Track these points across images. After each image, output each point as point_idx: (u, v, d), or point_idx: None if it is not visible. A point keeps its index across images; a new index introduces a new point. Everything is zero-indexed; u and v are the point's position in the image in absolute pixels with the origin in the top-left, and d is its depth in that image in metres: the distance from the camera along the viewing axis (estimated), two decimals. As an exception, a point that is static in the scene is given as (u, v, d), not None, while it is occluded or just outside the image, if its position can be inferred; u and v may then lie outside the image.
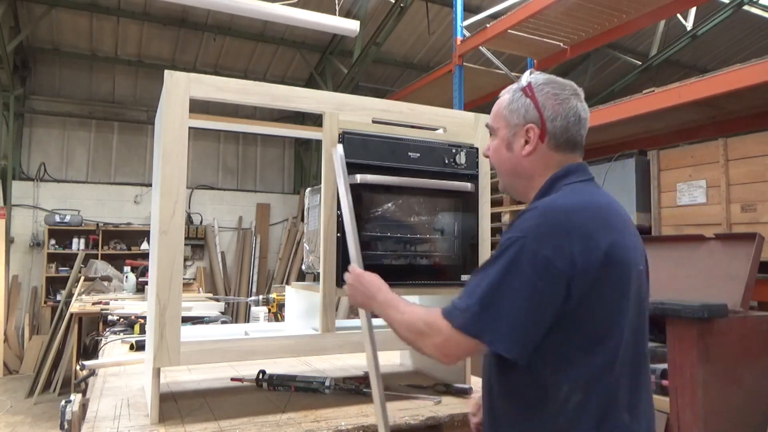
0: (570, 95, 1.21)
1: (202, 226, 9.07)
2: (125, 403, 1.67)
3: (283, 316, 3.35)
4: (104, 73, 8.62)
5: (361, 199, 1.73)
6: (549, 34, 5.89)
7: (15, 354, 7.49)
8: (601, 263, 1.05)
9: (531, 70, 1.28)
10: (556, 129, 1.19)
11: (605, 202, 1.16)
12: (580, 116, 1.20)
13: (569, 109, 1.19)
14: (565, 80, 1.24)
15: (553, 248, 1.04)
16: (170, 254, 1.49)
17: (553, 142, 1.20)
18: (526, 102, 1.21)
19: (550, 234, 1.05)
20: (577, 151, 1.23)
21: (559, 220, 1.07)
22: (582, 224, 1.07)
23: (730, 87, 3.42)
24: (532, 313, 1.03)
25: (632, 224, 1.20)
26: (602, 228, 1.08)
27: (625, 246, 1.10)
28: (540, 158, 1.21)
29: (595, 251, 1.05)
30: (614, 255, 1.06)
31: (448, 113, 1.95)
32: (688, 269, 2.96)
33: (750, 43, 9.16)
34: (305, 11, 5.64)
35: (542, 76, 1.24)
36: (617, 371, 1.07)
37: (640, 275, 1.14)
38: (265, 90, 1.67)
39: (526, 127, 1.21)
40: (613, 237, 1.08)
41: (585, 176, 1.21)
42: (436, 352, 1.11)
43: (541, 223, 1.07)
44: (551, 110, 1.19)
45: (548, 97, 1.20)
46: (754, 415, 2.37)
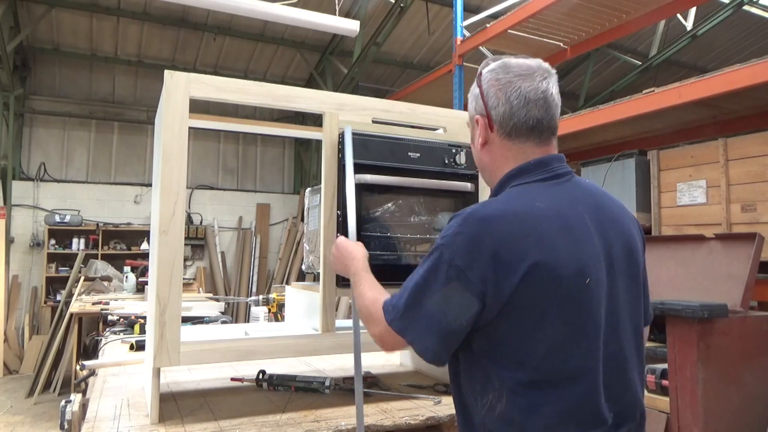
0: (514, 77, 1.12)
1: (202, 226, 9.07)
2: (125, 403, 1.67)
3: (283, 316, 3.35)
4: (104, 73, 8.63)
5: (361, 199, 1.73)
6: (549, 34, 5.89)
7: (15, 354, 7.49)
8: (519, 279, 0.98)
9: (494, 57, 1.21)
10: (500, 116, 1.13)
11: (545, 207, 1.05)
12: (526, 97, 1.11)
13: (512, 92, 1.11)
14: (522, 60, 1.16)
15: (467, 261, 1.00)
16: (170, 254, 1.49)
17: (501, 130, 1.14)
18: (476, 92, 1.18)
19: (467, 245, 1.01)
20: (534, 136, 1.13)
21: (477, 231, 1.01)
22: (502, 237, 1.00)
23: (730, 87, 3.42)
24: (447, 321, 1.02)
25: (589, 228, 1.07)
26: (527, 239, 1.00)
27: (565, 258, 1.01)
28: (495, 149, 1.16)
29: (513, 267, 0.99)
30: (538, 270, 0.99)
31: (448, 113, 1.95)
32: (688, 269, 2.97)
33: (750, 43, 9.16)
34: (305, 11, 5.64)
35: (496, 63, 1.17)
36: (551, 388, 1.01)
37: (598, 284, 1.04)
38: (265, 90, 1.67)
39: (476, 118, 1.18)
40: (541, 249, 1.00)
41: (542, 174, 1.12)
42: (376, 341, 1.15)
43: (459, 232, 1.03)
44: (493, 97, 1.13)
45: (491, 84, 1.14)
46: (753, 415, 2.37)
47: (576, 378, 1.02)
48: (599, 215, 1.11)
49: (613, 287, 1.08)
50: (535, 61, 1.16)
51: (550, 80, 1.14)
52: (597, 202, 1.13)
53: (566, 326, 1.02)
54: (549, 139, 1.15)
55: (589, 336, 1.03)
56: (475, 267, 1.00)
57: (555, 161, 1.14)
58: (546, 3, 4.96)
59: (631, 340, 1.11)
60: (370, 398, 1.74)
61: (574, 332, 1.02)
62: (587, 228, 1.07)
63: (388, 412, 1.60)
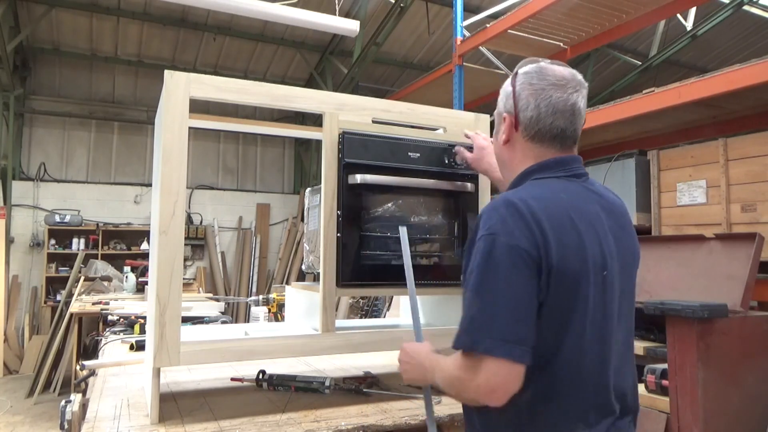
0: (548, 85, 1.16)
1: (202, 226, 9.07)
2: (125, 403, 1.67)
3: (283, 316, 3.35)
4: (104, 73, 8.63)
5: (361, 199, 1.73)
6: (549, 34, 5.89)
7: (15, 354, 7.49)
8: (559, 256, 1.02)
9: (534, 59, 1.24)
10: (527, 119, 1.17)
11: (568, 199, 1.10)
12: (555, 107, 1.15)
13: (542, 100, 1.15)
14: (559, 69, 1.19)
15: (525, 237, 1.02)
16: (170, 254, 1.49)
17: (525, 132, 1.18)
18: (508, 91, 1.22)
19: (518, 224, 1.03)
20: (556, 144, 1.18)
21: (520, 209, 1.05)
22: (540, 213, 1.04)
23: (730, 87, 3.42)
24: (523, 305, 1.01)
25: (606, 225, 1.13)
26: (560, 219, 1.05)
27: (580, 247, 1.05)
28: (516, 148, 1.21)
29: (554, 241, 1.03)
30: (570, 252, 1.03)
31: (448, 113, 1.95)
32: (688, 269, 2.97)
33: (750, 43, 9.16)
34: (305, 11, 5.64)
35: (534, 66, 1.21)
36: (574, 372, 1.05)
37: (604, 280, 1.08)
38: (265, 90, 1.67)
39: (503, 115, 1.23)
40: (571, 232, 1.05)
41: (560, 172, 1.16)
42: (481, 395, 1.02)
43: (505, 216, 1.05)
44: (524, 100, 1.18)
45: (524, 86, 1.18)
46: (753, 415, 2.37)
47: (596, 364, 1.07)
48: (612, 218, 1.16)
49: (622, 286, 1.14)
50: (569, 71, 1.20)
51: (580, 93, 1.18)
52: (610, 206, 1.18)
53: (586, 316, 1.06)
54: (570, 146, 1.21)
55: (606, 327, 1.09)
56: (533, 242, 1.02)
57: (574, 162, 1.20)
58: (546, 3, 4.96)
59: (628, 337, 1.18)
60: (370, 398, 1.74)
61: (593, 321, 1.07)
62: (604, 226, 1.12)
63: (388, 412, 1.60)
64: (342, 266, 1.68)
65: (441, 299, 2.00)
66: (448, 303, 1.97)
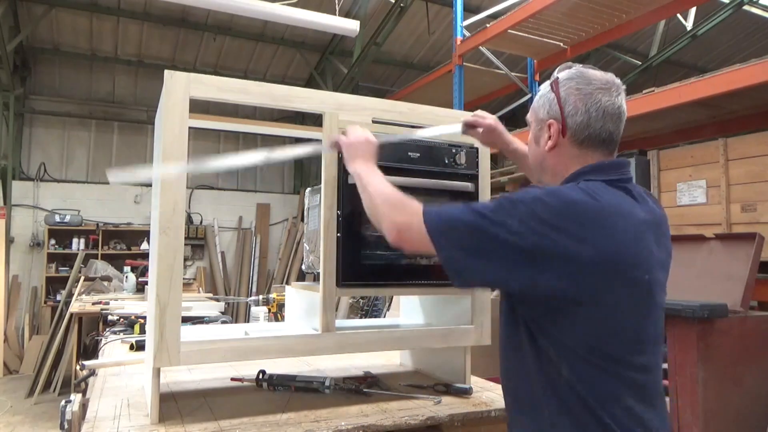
0: (595, 89, 1.17)
1: (202, 226, 9.07)
2: (125, 403, 1.66)
3: (283, 316, 3.35)
4: (104, 73, 8.62)
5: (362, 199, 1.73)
6: (549, 34, 5.89)
7: (15, 354, 7.49)
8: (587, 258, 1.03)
9: (568, 63, 1.24)
10: (576, 124, 1.17)
11: (605, 203, 1.10)
12: (605, 111, 1.16)
13: (591, 104, 1.16)
14: (599, 73, 1.20)
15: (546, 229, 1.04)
16: (170, 254, 1.49)
17: (574, 137, 1.18)
18: (551, 97, 1.21)
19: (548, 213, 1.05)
20: (603, 148, 1.19)
21: (545, 199, 1.06)
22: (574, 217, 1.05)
23: (730, 87, 3.42)
24: (485, 256, 1.06)
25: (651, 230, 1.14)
26: (592, 227, 1.05)
27: (622, 250, 1.07)
28: (563, 154, 1.20)
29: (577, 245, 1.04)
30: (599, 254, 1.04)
31: (448, 113, 1.95)
32: (688, 269, 2.97)
33: (750, 43, 9.16)
34: (305, 11, 5.64)
35: (573, 70, 1.21)
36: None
37: (648, 283, 1.11)
38: (265, 90, 1.67)
39: (548, 122, 1.21)
40: (602, 236, 1.06)
41: (613, 175, 1.16)
42: (392, 229, 1.19)
43: (539, 196, 1.07)
44: (572, 105, 1.17)
45: (570, 91, 1.18)
46: (753, 415, 2.37)
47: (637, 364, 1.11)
48: (658, 226, 1.19)
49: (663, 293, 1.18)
50: (609, 75, 1.21)
51: (623, 96, 1.20)
52: (655, 213, 1.20)
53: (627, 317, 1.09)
54: (614, 151, 1.22)
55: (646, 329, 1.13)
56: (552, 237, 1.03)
57: (626, 166, 1.21)
58: (546, 3, 4.96)
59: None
60: (370, 398, 1.74)
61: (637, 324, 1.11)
62: (652, 236, 1.14)
63: (388, 412, 1.60)
64: (342, 266, 1.68)
65: (441, 299, 2.00)
66: (448, 303, 1.97)
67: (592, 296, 1.05)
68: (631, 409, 1.07)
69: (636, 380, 1.09)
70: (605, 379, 1.07)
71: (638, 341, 1.11)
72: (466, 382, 1.88)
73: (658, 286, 1.14)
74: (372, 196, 1.29)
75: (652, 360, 1.12)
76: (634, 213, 1.12)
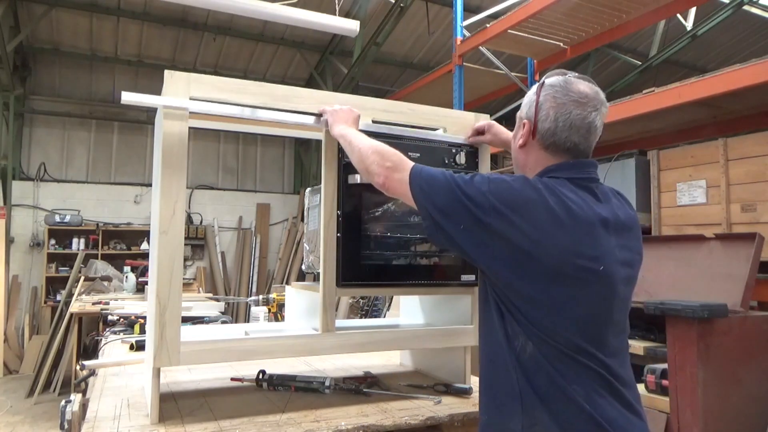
0: (570, 101, 1.23)
1: (202, 226, 9.07)
2: (125, 403, 1.67)
3: (283, 316, 3.35)
4: (104, 73, 8.63)
5: (361, 199, 1.73)
6: (549, 34, 5.89)
7: (15, 354, 7.49)
8: (528, 246, 1.12)
9: (562, 70, 1.31)
10: (544, 130, 1.24)
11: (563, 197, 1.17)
12: (572, 123, 1.22)
13: (561, 114, 1.22)
14: (583, 86, 1.25)
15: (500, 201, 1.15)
16: (170, 254, 1.49)
17: (541, 141, 1.26)
18: (532, 98, 1.29)
19: (504, 190, 1.16)
20: (568, 156, 1.25)
21: (514, 188, 1.17)
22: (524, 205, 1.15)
23: (730, 87, 3.42)
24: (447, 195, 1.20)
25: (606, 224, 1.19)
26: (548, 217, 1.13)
27: (563, 243, 1.14)
28: (531, 154, 1.29)
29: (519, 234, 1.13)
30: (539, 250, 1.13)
31: (448, 113, 1.95)
32: (688, 269, 2.97)
33: (750, 43, 9.16)
34: (305, 11, 5.64)
35: (560, 78, 1.27)
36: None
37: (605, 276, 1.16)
38: (265, 90, 1.67)
39: (523, 121, 1.30)
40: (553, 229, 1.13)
41: (575, 174, 1.23)
42: (380, 175, 1.34)
43: (509, 180, 1.18)
44: (545, 111, 1.24)
45: (548, 98, 1.25)
46: (753, 415, 2.37)
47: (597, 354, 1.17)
48: (621, 225, 1.23)
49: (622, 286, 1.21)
50: (593, 89, 1.27)
51: (600, 111, 1.26)
52: (619, 213, 1.25)
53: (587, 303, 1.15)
54: (580, 159, 1.28)
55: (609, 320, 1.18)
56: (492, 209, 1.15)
57: (592, 166, 1.28)
58: (546, 3, 4.96)
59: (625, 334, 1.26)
60: (370, 398, 1.74)
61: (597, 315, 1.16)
62: (609, 232, 1.19)
63: (388, 412, 1.60)
64: (342, 266, 1.68)
65: (441, 299, 2.00)
66: (448, 303, 1.97)
67: (536, 283, 1.13)
68: (589, 395, 1.11)
69: (595, 366, 1.13)
70: (566, 363, 1.12)
71: (597, 328, 1.16)
72: (466, 382, 1.88)
73: (619, 279, 1.18)
74: (362, 149, 1.41)
75: (614, 346, 1.17)
76: (590, 210, 1.18)
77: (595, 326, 1.15)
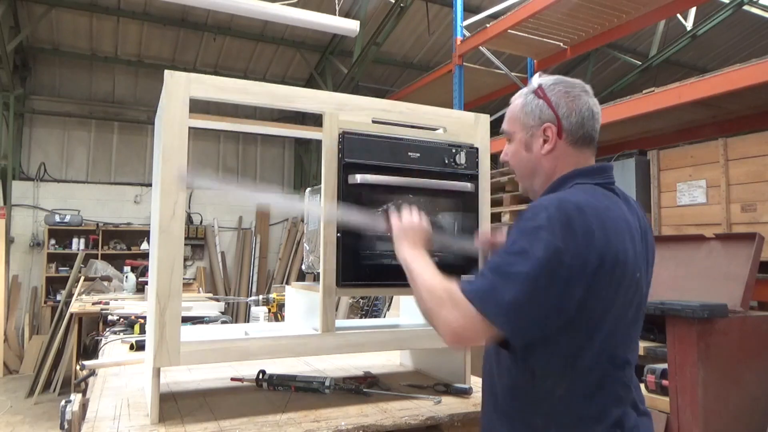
0: (581, 92, 1.24)
1: (202, 226, 9.07)
2: (125, 403, 1.67)
3: (283, 316, 3.35)
4: (104, 73, 8.62)
5: (361, 199, 1.73)
6: (549, 34, 5.89)
7: (15, 354, 7.49)
8: (597, 264, 1.06)
9: (539, 73, 1.30)
10: (572, 125, 1.22)
11: (604, 206, 1.14)
12: (593, 111, 1.24)
13: (582, 105, 1.22)
14: (572, 79, 1.27)
15: (565, 241, 1.04)
16: (170, 254, 1.49)
17: (570, 138, 1.22)
18: (539, 103, 1.24)
19: (564, 227, 1.05)
20: (593, 146, 1.26)
21: (571, 215, 1.07)
22: (587, 222, 1.07)
23: (730, 87, 3.42)
24: (538, 297, 1.03)
25: (637, 230, 1.19)
26: (601, 229, 1.08)
27: (624, 250, 1.11)
28: (559, 155, 1.23)
29: (593, 251, 1.06)
30: (615, 260, 1.08)
31: (448, 113, 1.95)
32: (688, 269, 2.96)
33: (750, 43, 9.16)
34: (305, 11, 5.64)
35: (551, 77, 1.26)
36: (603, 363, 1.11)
37: (639, 281, 1.16)
38: (266, 90, 1.67)
39: (543, 127, 1.23)
40: (616, 241, 1.10)
41: (600, 179, 1.21)
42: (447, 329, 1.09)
43: (554, 215, 1.07)
44: (565, 107, 1.22)
45: (560, 95, 1.23)
46: (753, 415, 2.37)
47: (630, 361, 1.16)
48: (642, 228, 1.23)
49: (646, 288, 1.22)
50: (577, 80, 1.28)
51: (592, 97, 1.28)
52: (635, 211, 1.25)
53: (625, 316, 1.14)
54: (595, 150, 1.29)
55: (634, 327, 1.18)
56: (572, 248, 1.04)
57: (610, 170, 1.26)
58: (546, 3, 4.96)
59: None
60: (370, 398, 1.74)
61: (631, 321, 1.16)
62: (632, 231, 1.17)
63: (388, 412, 1.60)
64: (342, 266, 1.68)
65: (441, 299, 2.00)
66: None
67: (603, 298, 1.09)
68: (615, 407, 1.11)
69: (623, 378, 1.14)
70: (605, 385, 1.10)
71: (631, 338, 1.18)
72: (466, 382, 1.88)
73: (644, 281, 1.20)
74: (419, 290, 1.20)
75: (634, 356, 1.19)
76: (625, 214, 1.17)
77: (627, 335, 1.16)
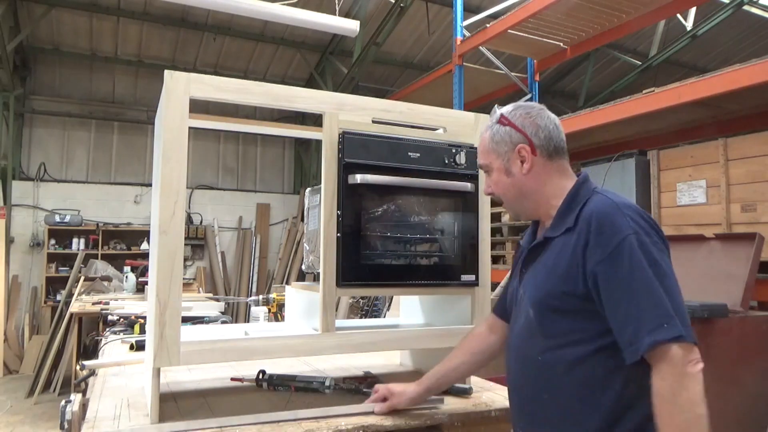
0: (539, 110, 1.34)
1: (202, 226, 9.07)
2: (125, 403, 1.66)
3: (283, 316, 3.35)
4: (104, 73, 8.63)
5: (361, 199, 1.73)
6: (549, 34, 5.89)
7: (15, 354, 7.49)
8: None
9: (496, 105, 1.39)
10: (542, 141, 1.31)
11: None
12: (555, 123, 1.34)
13: (545, 120, 1.32)
14: (527, 102, 1.38)
15: (657, 233, 1.19)
16: (170, 254, 1.49)
17: (545, 152, 1.32)
18: (506, 129, 1.34)
19: (645, 222, 1.19)
20: (565, 155, 1.35)
21: (639, 211, 1.20)
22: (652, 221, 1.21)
23: (730, 87, 3.42)
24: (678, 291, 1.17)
25: None
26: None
27: None
28: (539, 171, 1.32)
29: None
30: None
31: (448, 113, 1.95)
32: (688, 269, 2.96)
33: (750, 43, 9.16)
34: (305, 11, 5.64)
35: (509, 106, 1.37)
36: None
37: None
38: (266, 90, 1.67)
39: (517, 149, 1.32)
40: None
41: (594, 185, 1.31)
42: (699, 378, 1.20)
43: (633, 216, 1.18)
44: (531, 127, 1.32)
45: (523, 117, 1.33)
46: (753, 415, 2.37)
47: None
48: None
49: None
50: (532, 102, 1.39)
51: None
52: None
53: None
54: (567, 157, 1.38)
55: None
56: (660, 236, 1.21)
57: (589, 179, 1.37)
58: (546, 3, 4.96)
59: None
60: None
61: None
62: None
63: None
64: (342, 266, 1.68)
65: (441, 299, 2.00)
66: (448, 303, 1.97)
67: None
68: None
69: None
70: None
71: None
72: (466, 382, 1.87)
73: None
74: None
75: None
76: None
77: None
